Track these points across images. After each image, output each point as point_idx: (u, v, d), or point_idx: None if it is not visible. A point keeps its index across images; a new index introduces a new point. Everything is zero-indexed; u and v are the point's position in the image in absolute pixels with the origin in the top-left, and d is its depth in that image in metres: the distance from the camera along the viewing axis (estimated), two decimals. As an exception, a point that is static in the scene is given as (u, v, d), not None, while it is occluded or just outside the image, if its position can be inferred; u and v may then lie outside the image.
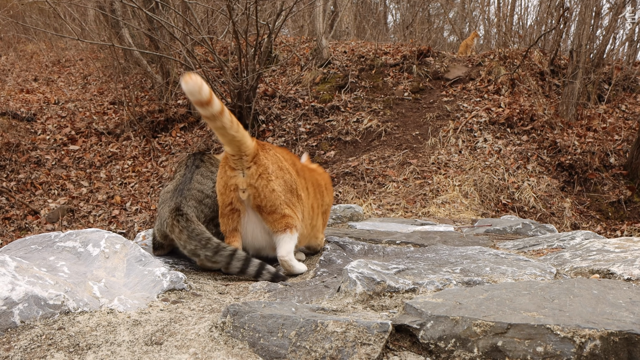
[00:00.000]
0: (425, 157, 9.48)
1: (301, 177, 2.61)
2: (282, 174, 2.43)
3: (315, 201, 2.72)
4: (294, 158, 2.67)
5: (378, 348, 1.50)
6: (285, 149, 2.70)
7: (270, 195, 2.36)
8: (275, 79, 12.23)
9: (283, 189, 2.40)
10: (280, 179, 2.41)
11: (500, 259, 2.40)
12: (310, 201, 2.64)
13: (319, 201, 2.79)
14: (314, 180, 2.80)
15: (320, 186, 2.85)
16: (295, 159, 2.67)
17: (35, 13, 16.17)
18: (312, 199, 2.68)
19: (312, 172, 2.85)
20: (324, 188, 2.88)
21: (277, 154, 2.49)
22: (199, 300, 1.99)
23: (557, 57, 12.25)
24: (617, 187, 9.01)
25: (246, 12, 9.04)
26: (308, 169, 2.80)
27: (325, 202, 2.88)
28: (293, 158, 2.66)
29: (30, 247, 2.18)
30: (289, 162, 2.55)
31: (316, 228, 2.75)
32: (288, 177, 2.45)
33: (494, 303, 1.67)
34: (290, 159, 2.59)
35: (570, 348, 1.44)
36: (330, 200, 2.99)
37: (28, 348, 1.56)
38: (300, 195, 2.51)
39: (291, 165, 2.55)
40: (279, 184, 2.39)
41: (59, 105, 11.81)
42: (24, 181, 9.45)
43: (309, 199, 2.63)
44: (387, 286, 1.95)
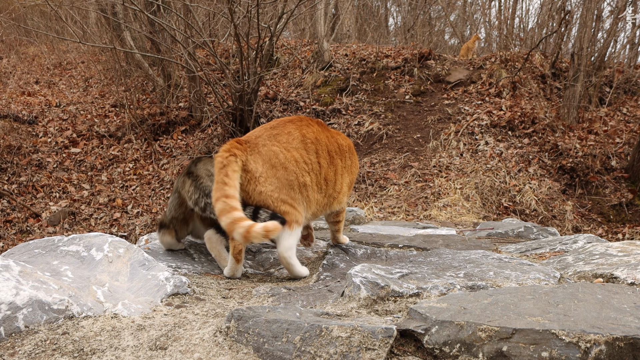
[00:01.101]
0: (426, 160, 9.48)
1: (312, 151, 2.61)
2: (275, 172, 2.44)
3: (332, 168, 2.72)
4: (305, 130, 2.66)
5: (383, 353, 1.50)
6: (296, 121, 2.70)
7: (259, 197, 2.41)
8: (276, 81, 12.23)
9: (276, 187, 2.43)
10: (272, 177, 2.44)
11: (504, 263, 2.40)
12: (324, 172, 2.66)
13: (339, 166, 2.79)
14: (334, 146, 2.79)
15: (342, 149, 2.85)
16: (306, 131, 2.66)
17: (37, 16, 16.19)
18: (327, 169, 2.69)
19: (332, 137, 2.83)
20: (346, 150, 2.88)
21: (272, 148, 2.49)
22: (202, 305, 1.99)
23: (559, 60, 12.25)
24: (619, 190, 9.00)
25: (248, 15, 9.05)
26: (327, 135, 2.78)
27: (347, 164, 2.87)
28: (304, 130, 2.66)
29: (34, 252, 2.18)
30: (294, 145, 2.56)
31: (336, 193, 2.78)
32: (282, 174, 2.45)
33: (499, 308, 1.67)
34: (298, 137, 2.60)
35: (576, 353, 1.44)
36: (353, 162, 2.97)
37: (32, 353, 1.56)
38: (306, 182, 2.53)
39: (298, 146, 2.57)
40: (271, 184, 2.43)
41: (61, 107, 11.82)
42: (25, 184, 9.45)
43: (323, 171, 2.65)
44: (391, 291, 1.94)
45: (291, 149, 2.54)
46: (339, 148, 2.81)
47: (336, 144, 2.80)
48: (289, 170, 2.47)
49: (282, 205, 2.43)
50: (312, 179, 2.58)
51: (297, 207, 2.47)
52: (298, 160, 2.52)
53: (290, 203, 2.44)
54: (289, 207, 2.43)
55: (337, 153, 2.76)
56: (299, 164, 2.52)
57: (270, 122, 2.72)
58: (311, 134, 2.66)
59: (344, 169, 2.82)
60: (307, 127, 2.69)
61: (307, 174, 2.55)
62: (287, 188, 2.46)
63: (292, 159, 2.51)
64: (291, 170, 2.48)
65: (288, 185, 2.46)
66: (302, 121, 2.70)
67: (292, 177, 2.48)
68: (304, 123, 2.70)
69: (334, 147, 2.76)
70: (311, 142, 2.63)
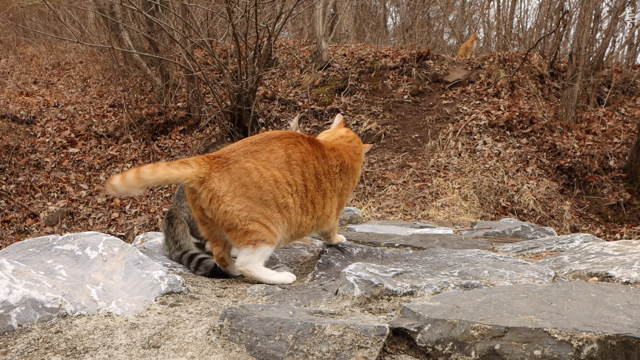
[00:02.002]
0: (424, 159, 9.48)
1: (297, 172, 2.49)
2: (245, 191, 2.32)
3: (320, 192, 2.61)
4: (292, 149, 2.51)
5: (375, 351, 1.50)
6: (284, 138, 2.54)
7: (224, 216, 2.30)
8: (274, 81, 12.24)
9: (246, 206, 2.32)
10: (240, 197, 2.32)
11: (499, 262, 2.40)
12: (311, 195, 2.55)
13: (328, 189, 2.66)
14: (324, 168, 2.65)
15: (332, 170, 2.69)
16: (293, 151, 2.51)
17: (35, 16, 16.19)
18: (314, 192, 2.57)
19: (324, 158, 2.67)
20: (336, 171, 2.71)
21: (245, 165, 2.37)
22: (196, 304, 1.99)
23: (557, 60, 12.26)
24: (617, 190, 9.01)
25: (246, 15, 9.05)
26: (317, 155, 2.62)
27: (337, 186, 2.74)
28: (290, 150, 2.51)
29: (28, 251, 2.18)
30: (276, 164, 2.45)
31: (325, 216, 2.68)
32: (255, 192, 2.34)
33: (492, 306, 1.67)
34: (282, 157, 2.46)
35: (568, 351, 1.44)
36: (345, 183, 2.82)
37: (25, 352, 1.56)
38: (287, 203, 2.42)
39: (281, 166, 2.44)
40: (239, 202, 2.31)
41: (59, 108, 11.82)
42: (23, 184, 9.45)
43: (309, 194, 2.54)
44: (385, 289, 1.94)
45: (271, 167, 2.42)
46: (329, 170, 2.67)
47: (327, 165, 2.66)
48: (264, 190, 2.35)
49: (251, 224, 2.32)
50: (296, 200, 2.47)
51: (271, 227, 2.37)
52: (279, 180, 2.41)
53: (261, 222, 2.34)
54: (259, 226, 2.33)
55: (326, 176, 2.64)
56: (280, 185, 2.41)
57: (254, 135, 2.59)
58: (297, 154, 2.52)
59: (334, 192, 2.70)
60: (295, 145, 2.54)
61: (290, 195, 2.44)
62: (260, 206, 2.35)
63: (271, 178, 2.39)
64: (266, 189, 2.36)
65: (262, 204, 2.35)
66: (290, 138, 2.55)
67: (268, 197, 2.36)
68: (292, 141, 2.55)
69: (323, 169, 2.63)
70: (297, 164, 2.50)
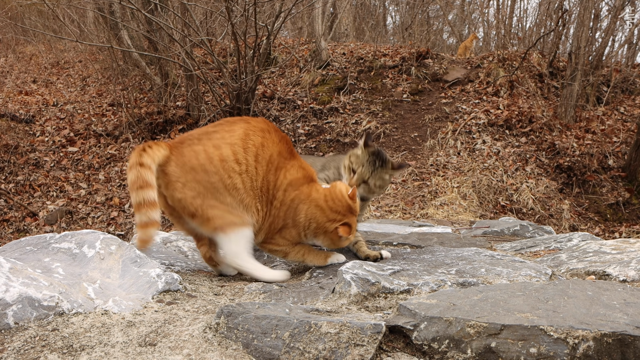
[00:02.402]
0: (423, 158, 9.48)
1: (251, 153, 2.30)
2: (195, 175, 2.22)
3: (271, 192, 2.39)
4: (254, 132, 2.35)
5: (371, 349, 1.50)
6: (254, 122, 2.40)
7: (179, 203, 2.23)
8: (274, 80, 12.23)
9: (199, 193, 2.21)
10: (191, 182, 2.22)
11: (496, 260, 2.40)
12: (260, 181, 2.35)
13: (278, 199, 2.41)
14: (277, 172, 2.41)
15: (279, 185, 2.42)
16: (254, 132, 2.35)
17: (34, 15, 16.18)
18: (263, 180, 2.36)
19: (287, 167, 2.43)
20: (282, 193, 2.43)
21: (195, 148, 2.26)
22: (193, 302, 1.99)
23: (556, 59, 12.26)
24: (616, 189, 9.01)
25: (245, 14, 9.04)
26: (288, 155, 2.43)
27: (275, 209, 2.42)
28: (251, 131, 2.34)
29: (25, 249, 2.18)
30: (229, 140, 2.28)
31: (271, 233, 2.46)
32: (202, 177, 2.22)
33: (488, 304, 1.67)
34: (240, 135, 2.31)
35: (564, 349, 1.44)
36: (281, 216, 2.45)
37: (21, 349, 1.56)
38: (233, 183, 2.25)
39: (234, 142, 2.28)
40: (191, 189, 2.22)
41: (58, 107, 11.81)
42: (22, 183, 9.44)
43: (259, 179, 2.34)
44: (382, 287, 1.94)
45: (223, 145, 2.27)
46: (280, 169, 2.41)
47: (281, 165, 2.41)
48: (210, 172, 2.22)
49: (210, 210, 2.22)
50: (245, 181, 2.29)
51: (234, 210, 2.25)
52: (226, 158, 2.25)
53: (220, 208, 2.23)
54: (219, 212, 2.23)
55: (276, 171, 2.39)
56: (226, 163, 2.25)
57: (226, 118, 2.49)
58: (258, 138, 2.34)
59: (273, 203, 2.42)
60: (261, 131, 2.37)
61: (238, 175, 2.27)
62: (213, 192, 2.23)
63: (217, 157, 2.24)
64: (212, 171, 2.23)
65: (213, 189, 2.23)
66: (260, 124, 2.40)
67: (215, 179, 2.23)
68: (260, 126, 2.39)
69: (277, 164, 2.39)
70: (253, 145, 2.32)
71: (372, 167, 2.68)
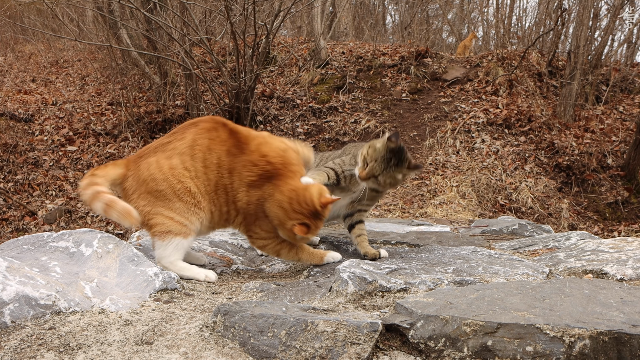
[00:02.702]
0: (422, 157, 9.48)
1: (198, 159, 2.36)
2: (146, 186, 2.33)
3: (220, 187, 2.42)
4: (200, 135, 2.40)
5: (368, 347, 1.50)
6: (201, 123, 2.44)
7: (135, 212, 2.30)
8: (273, 79, 12.23)
9: (149, 202, 2.31)
10: (144, 193, 2.33)
11: (493, 259, 2.40)
12: (214, 185, 2.40)
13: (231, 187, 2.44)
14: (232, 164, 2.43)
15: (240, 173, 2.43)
16: (201, 136, 2.39)
17: (33, 14, 16.16)
18: (217, 184, 2.41)
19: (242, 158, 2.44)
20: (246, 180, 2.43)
21: (149, 160, 2.36)
22: (191, 300, 1.99)
23: (555, 58, 12.25)
24: (615, 188, 9.01)
25: (244, 13, 9.04)
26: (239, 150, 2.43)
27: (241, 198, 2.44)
28: (198, 136, 2.40)
29: (23, 247, 2.18)
30: (180, 150, 2.35)
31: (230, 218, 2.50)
32: (152, 186, 2.32)
33: (485, 303, 1.67)
34: (187, 142, 2.37)
35: (560, 347, 1.44)
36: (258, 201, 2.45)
37: (18, 348, 1.56)
38: (184, 187, 2.32)
39: (183, 151, 2.35)
40: (143, 199, 2.32)
41: (57, 106, 11.80)
42: (21, 182, 9.44)
43: (211, 184, 2.39)
44: (379, 286, 1.94)
45: (174, 155, 2.36)
46: (234, 170, 2.42)
47: (234, 165, 2.42)
48: (158, 180, 2.31)
49: (153, 218, 2.31)
50: (199, 186, 2.36)
51: (176, 217, 2.31)
52: (175, 167, 2.34)
53: (164, 214, 2.30)
54: (162, 218, 2.30)
55: (230, 174, 2.42)
56: (175, 170, 2.33)
57: (182, 123, 2.53)
58: (204, 140, 2.40)
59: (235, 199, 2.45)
60: (208, 132, 2.42)
61: (190, 179, 2.35)
62: (161, 199, 2.31)
63: (167, 166, 2.33)
64: (160, 179, 2.31)
65: (161, 196, 2.31)
66: (208, 123, 2.45)
67: (163, 186, 2.31)
68: (207, 126, 2.44)
69: (230, 165, 2.42)
70: (200, 150, 2.38)
71: (385, 165, 2.63)
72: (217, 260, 2.81)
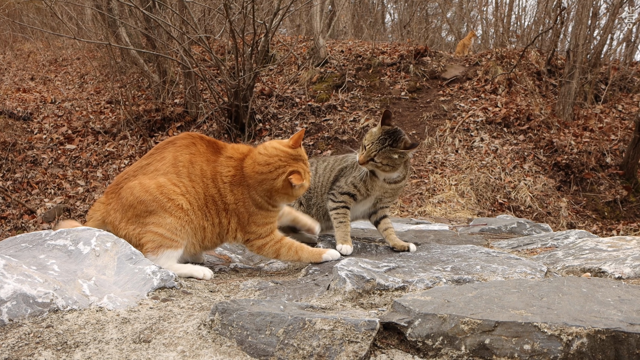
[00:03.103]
0: (421, 156, 9.48)
1: (184, 174, 2.40)
2: (133, 211, 2.34)
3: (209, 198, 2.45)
4: (181, 152, 2.43)
5: (366, 346, 1.50)
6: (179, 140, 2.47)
7: (130, 240, 2.31)
8: (272, 78, 12.23)
9: (139, 224, 2.34)
10: (131, 217, 2.35)
11: (492, 257, 2.40)
12: (203, 199, 2.43)
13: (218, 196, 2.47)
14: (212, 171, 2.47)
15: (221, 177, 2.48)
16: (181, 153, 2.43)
17: (32, 12, 16.15)
18: (205, 196, 2.44)
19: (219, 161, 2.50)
20: (227, 180, 2.47)
21: (130, 185, 2.37)
22: (189, 299, 1.99)
23: (554, 57, 12.26)
24: (613, 187, 9.02)
25: (243, 11, 9.04)
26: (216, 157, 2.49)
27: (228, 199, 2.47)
28: (179, 152, 2.43)
29: (21, 246, 2.18)
30: (163, 170, 2.38)
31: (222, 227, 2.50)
32: (142, 208, 2.33)
33: (483, 301, 1.67)
34: (169, 160, 2.41)
35: (557, 346, 1.44)
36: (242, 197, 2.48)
37: (16, 346, 1.56)
38: (175, 203, 2.34)
39: (168, 170, 2.38)
40: (132, 223, 2.34)
41: (56, 104, 11.80)
42: (20, 180, 9.44)
43: (200, 197, 2.42)
44: (377, 284, 1.94)
45: (158, 175, 2.38)
46: (216, 176, 2.47)
47: (214, 170, 2.47)
48: (147, 202, 2.31)
49: (144, 236, 2.32)
50: (191, 201, 2.38)
51: (165, 232, 2.32)
52: (163, 185, 2.34)
53: (153, 231, 2.31)
54: (152, 235, 2.31)
55: (214, 181, 2.45)
56: (164, 188, 2.34)
57: (157, 145, 2.53)
58: (186, 156, 2.43)
59: (227, 205, 2.47)
60: (187, 147, 2.46)
61: (181, 195, 2.36)
62: (150, 217, 2.32)
63: (154, 186, 2.34)
64: (148, 200, 2.32)
65: (150, 214, 2.32)
66: (186, 139, 2.48)
67: (153, 206, 2.31)
68: (186, 142, 2.47)
69: (211, 173, 2.46)
70: (183, 166, 2.41)
71: (380, 145, 2.72)
72: (216, 258, 2.82)
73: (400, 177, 2.88)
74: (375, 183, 2.85)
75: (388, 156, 2.73)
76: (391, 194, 2.93)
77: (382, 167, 2.75)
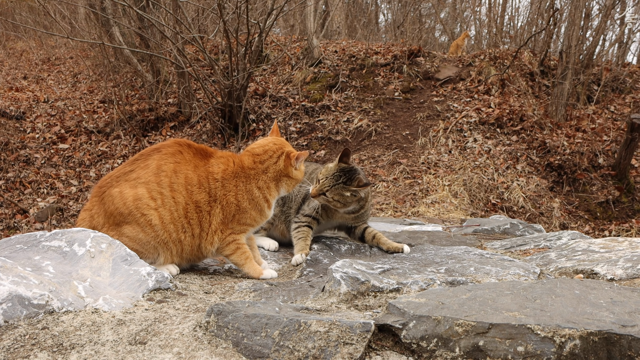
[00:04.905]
0: (415, 156, 9.50)
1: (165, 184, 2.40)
2: (113, 219, 2.36)
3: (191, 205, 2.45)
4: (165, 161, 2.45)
5: (361, 348, 1.51)
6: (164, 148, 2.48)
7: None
8: (266, 78, 12.22)
9: (115, 233, 2.35)
10: (111, 225, 2.37)
11: (485, 259, 2.42)
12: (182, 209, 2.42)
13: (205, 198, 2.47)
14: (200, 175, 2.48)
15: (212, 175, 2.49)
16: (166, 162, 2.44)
17: (25, 11, 16.08)
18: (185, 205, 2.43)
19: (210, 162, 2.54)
20: (218, 178, 2.49)
21: (112, 192, 2.38)
22: (184, 300, 1.99)
23: (547, 58, 12.30)
24: (606, 188, 9.06)
25: (237, 11, 9.03)
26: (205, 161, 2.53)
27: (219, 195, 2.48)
28: (164, 161, 2.44)
29: (16, 247, 2.17)
30: (144, 179, 2.39)
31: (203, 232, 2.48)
32: (118, 218, 2.35)
33: (477, 303, 1.68)
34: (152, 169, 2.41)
35: (551, 348, 1.45)
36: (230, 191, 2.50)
37: (11, 348, 1.56)
38: (146, 220, 2.35)
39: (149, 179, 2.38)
40: (111, 230, 2.35)
41: (49, 103, 11.75)
42: (12, 180, 9.40)
43: (179, 207, 2.42)
44: (372, 286, 1.95)
45: (139, 184, 2.38)
46: (207, 177, 2.48)
47: (205, 172, 2.48)
48: (124, 213, 2.34)
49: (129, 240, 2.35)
50: (164, 215, 2.37)
51: (139, 248, 2.33)
52: (141, 197, 2.35)
53: (127, 243, 2.30)
54: (127, 244, 2.31)
55: (200, 185, 2.45)
56: (140, 201, 2.35)
57: (142, 150, 2.54)
58: (170, 165, 2.43)
59: (214, 202, 2.46)
60: (172, 155, 2.46)
61: (154, 210, 2.36)
62: (127, 227, 2.34)
63: (131, 197, 2.35)
64: (125, 212, 2.34)
65: (127, 224, 2.34)
66: (172, 147, 2.48)
67: (129, 219, 2.34)
68: (171, 150, 2.47)
69: (199, 177, 2.46)
70: (165, 175, 2.41)
71: (333, 181, 2.79)
72: (210, 259, 2.82)
73: (355, 209, 2.95)
74: (335, 213, 2.95)
75: (340, 193, 2.79)
76: (354, 219, 3.00)
77: (333, 202, 2.82)
